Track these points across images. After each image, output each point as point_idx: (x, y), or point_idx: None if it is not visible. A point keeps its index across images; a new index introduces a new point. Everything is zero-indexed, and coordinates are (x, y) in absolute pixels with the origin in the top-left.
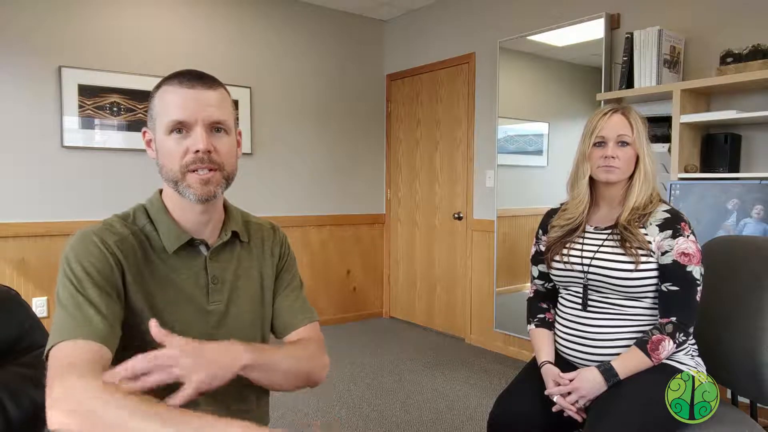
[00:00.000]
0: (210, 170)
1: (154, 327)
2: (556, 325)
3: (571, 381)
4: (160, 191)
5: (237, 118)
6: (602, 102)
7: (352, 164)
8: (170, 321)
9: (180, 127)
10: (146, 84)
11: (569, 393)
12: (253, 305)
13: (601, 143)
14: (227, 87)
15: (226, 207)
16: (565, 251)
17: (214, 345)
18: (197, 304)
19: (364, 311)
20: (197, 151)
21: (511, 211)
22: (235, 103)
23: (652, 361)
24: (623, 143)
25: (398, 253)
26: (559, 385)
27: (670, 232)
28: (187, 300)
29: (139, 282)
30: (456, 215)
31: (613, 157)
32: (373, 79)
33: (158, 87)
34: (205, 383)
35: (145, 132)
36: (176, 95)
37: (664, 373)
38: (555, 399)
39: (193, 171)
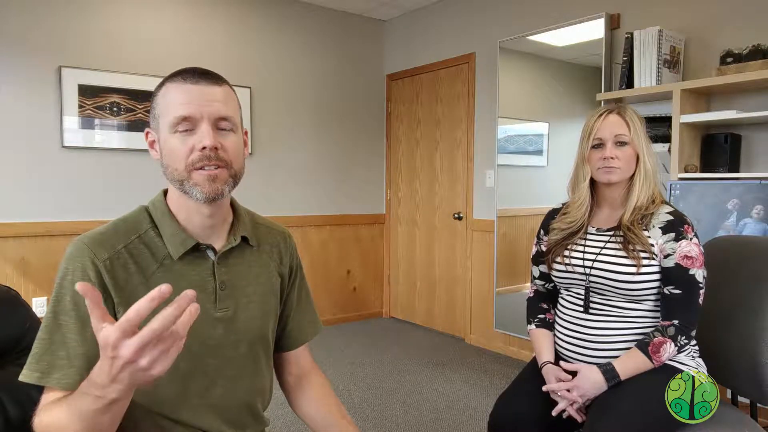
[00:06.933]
0: (217, 167)
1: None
2: (557, 327)
3: (572, 377)
4: (164, 192)
5: (242, 118)
6: (602, 102)
7: (352, 164)
8: None
9: (185, 125)
10: (146, 84)
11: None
12: (262, 312)
13: (599, 145)
14: None
15: (235, 208)
16: (566, 253)
17: None
18: (204, 311)
19: (364, 311)
20: (203, 148)
21: (511, 211)
22: None
23: (653, 363)
24: (621, 143)
25: (398, 253)
26: (561, 381)
27: (672, 234)
28: None
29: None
30: (456, 215)
31: (612, 158)
32: (373, 79)
33: (161, 85)
34: None
35: (147, 132)
36: (180, 92)
37: (665, 373)
38: (558, 395)
39: (200, 169)
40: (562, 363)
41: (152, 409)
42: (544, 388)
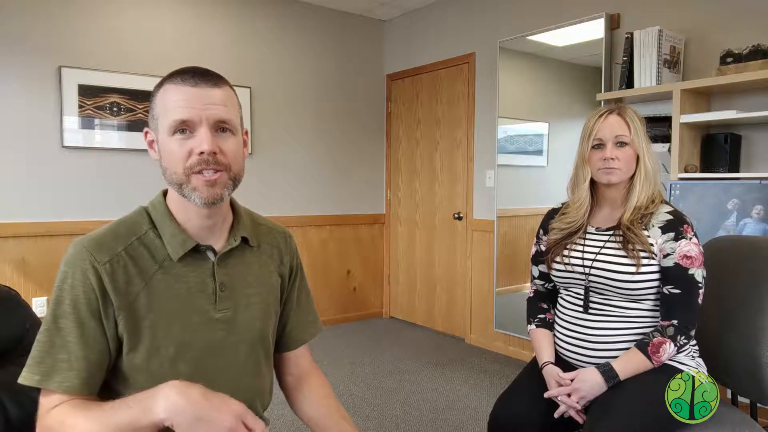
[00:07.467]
0: (216, 171)
1: None
2: (556, 327)
3: (571, 381)
4: (164, 193)
5: (242, 117)
6: (602, 102)
7: (352, 164)
8: (174, 332)
9: (183, 128)
10: (146, 84)
11: (569, 394)
12: (262, 312)
13: (599, 145)
14: None
15: (235, 208)
16: (566, 253)
17: None
18: (204, 312)
19: (364, 311)
20: (202, 153)
21: (511, 211)
22: None
23: (653, 363)
24: (621, 143)
25: (398, 253)
26: (561, 385)
27: (672, 234)
28: (193, 309)
29: (133, 302)
30: (456, 215)
31: (612, 159)
32: (373, 79)
33: (160, 85)
34: None
35: (146, 132)
36: (179, 93)
37: (665, 373)
38: (559, 399)
39: (198, 173)
40: (561, 374)
41: None
42: (545, 395)
